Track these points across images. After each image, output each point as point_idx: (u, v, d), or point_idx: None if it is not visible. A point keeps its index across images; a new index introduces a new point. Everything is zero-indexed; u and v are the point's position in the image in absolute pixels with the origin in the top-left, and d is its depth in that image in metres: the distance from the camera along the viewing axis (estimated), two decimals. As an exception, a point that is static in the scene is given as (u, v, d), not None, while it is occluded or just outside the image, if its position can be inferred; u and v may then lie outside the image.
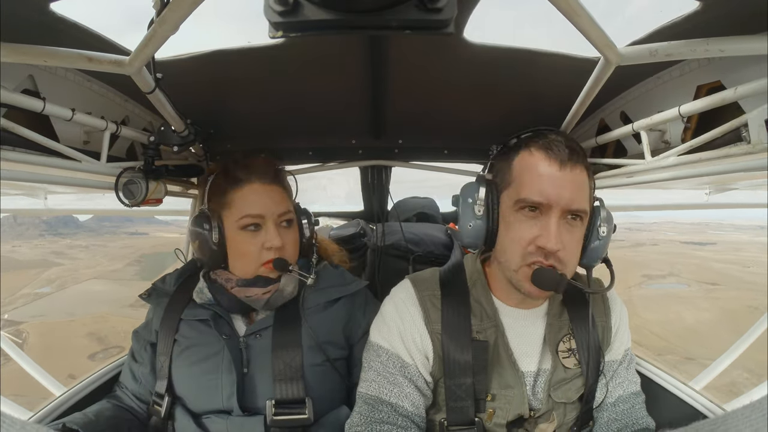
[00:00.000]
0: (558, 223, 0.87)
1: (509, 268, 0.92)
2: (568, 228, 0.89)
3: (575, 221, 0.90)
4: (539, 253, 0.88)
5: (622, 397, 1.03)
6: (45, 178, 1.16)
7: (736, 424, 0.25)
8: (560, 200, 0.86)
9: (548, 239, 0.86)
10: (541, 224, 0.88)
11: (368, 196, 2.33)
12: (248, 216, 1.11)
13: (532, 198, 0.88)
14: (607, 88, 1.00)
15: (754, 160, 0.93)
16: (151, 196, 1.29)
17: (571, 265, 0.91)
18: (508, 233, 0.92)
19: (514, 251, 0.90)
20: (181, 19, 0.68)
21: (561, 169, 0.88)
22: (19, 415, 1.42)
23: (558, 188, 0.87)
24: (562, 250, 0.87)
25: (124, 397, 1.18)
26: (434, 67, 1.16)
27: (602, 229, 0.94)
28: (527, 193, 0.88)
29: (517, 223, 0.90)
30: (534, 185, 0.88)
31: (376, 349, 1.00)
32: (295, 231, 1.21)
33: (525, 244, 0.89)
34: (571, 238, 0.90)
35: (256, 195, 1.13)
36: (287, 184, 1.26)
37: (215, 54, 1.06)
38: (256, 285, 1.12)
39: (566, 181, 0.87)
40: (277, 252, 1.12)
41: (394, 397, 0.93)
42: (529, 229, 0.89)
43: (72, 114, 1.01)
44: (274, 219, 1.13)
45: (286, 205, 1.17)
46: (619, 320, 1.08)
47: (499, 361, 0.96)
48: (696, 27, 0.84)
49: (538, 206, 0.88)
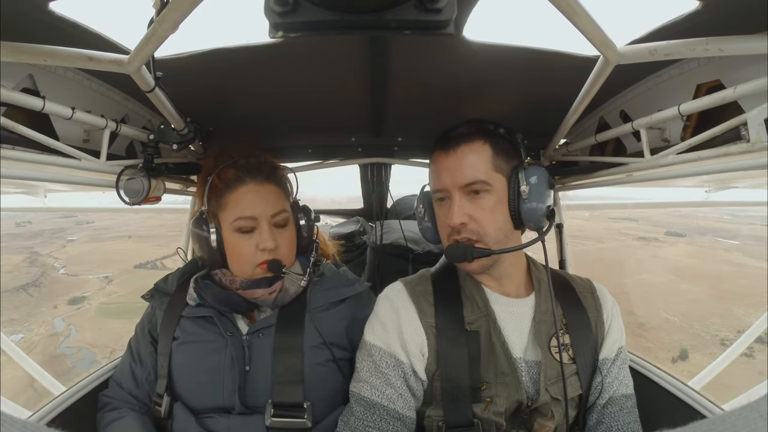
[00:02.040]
0: (460, 201, 0.98)
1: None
2: (473, 201, 0.98)
3: (479, 194, 0.98)
4: (453, 232, 0.99)
5: (612, 398, 1.02)
6: (45, 176, 1.16)
7: (734, 424, 0.25)
8: (454, 181, 0.98)
9: (451, 217, 0.98)
10: (449, 207, 1.00)
11: (368, 194, 2.33)
12: (241, 218, 1.11)
13: (436, 187, 1.03)
14: (607, 87, 0.99)
15: (753, 159, 0.93)
16: (151, 194, 1.29)
17: (488, 233, 0.98)
18: (438, 223, 1.07)
19: (443, 236, 1.04)
20: (181, 19, 0.68)
21: (447, 155, 1.00)
22: (19, 414, 1.42)
23: (448, 171, 0.99)
24: (470, 221, 0.97)
25: (122, 394, 1.17)
26: (434, 65, 1.15)
27: (523, 189, 0.97)
28: (434, 185, 1.04)
29: (438, 211, 1.06)
30: (435, 176, 1.03)
31: (369, 349, 1.00)
32: (292, 230, 1.21)
33: (445, 227, 1.02)
34: (477, 208, 0.98)
35: (249, 196, 1.13)
36: (284, 182, 1.26)
37: (215, 52, 1.05)
38: (260, 286, 1.12)
39: (454, 163, 0.98)
40: (271, 253, 1.12)
41: (386, 399, 0.94)
42: (444, 214, 1.02)
43: (72, 112, 1.01)
44: (268, 220, 1.13)
45: (280, 204, 1.17)
46: (611, 316, 1.08)
47: (492, 349, 0.97)
48: (696, 26, 0.84)
49: (442, 192, 1.01)
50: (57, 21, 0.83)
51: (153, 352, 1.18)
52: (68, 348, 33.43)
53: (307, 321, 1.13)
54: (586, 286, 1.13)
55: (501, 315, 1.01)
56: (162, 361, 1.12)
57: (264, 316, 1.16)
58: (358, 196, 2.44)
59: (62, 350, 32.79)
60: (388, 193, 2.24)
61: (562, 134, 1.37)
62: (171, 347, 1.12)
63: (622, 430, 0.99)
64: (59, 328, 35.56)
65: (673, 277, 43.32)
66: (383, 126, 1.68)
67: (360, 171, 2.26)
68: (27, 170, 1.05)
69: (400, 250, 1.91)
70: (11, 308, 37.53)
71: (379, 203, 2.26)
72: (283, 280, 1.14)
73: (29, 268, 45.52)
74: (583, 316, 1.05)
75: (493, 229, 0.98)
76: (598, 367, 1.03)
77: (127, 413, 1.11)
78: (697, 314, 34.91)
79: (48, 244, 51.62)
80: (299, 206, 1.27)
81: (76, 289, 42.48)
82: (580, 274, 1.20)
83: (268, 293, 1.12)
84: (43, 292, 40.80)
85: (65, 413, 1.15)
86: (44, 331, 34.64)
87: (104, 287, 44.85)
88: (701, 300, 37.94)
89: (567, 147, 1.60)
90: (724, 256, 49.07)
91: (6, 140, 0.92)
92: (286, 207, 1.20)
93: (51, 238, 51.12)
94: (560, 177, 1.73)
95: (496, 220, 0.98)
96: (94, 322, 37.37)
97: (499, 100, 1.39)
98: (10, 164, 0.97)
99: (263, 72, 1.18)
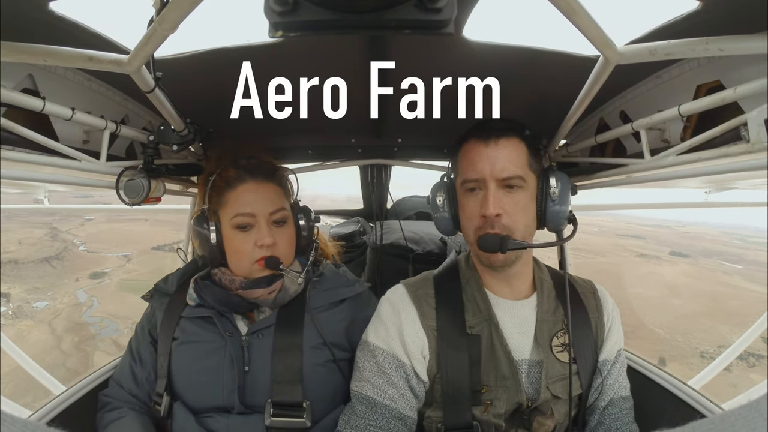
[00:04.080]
0: (495, 192, 0.96)
1: (470, 243, 1.02)
2: (508, 195, 0.98)
3: (513, 189, 0.98)
4: (486, 224, 0.97)
5: (612, 400, 1.03)
6: (45, 177, 1.16)
7: (733, 423, 0.25)
8: (493, 172, 0.96)
9: (486, 206, 0.95)
10: (482, 196, 0.98)
11: (368, 195, 2.33)
12: (240, 215, 1.13)
13: (470, 176, 0.99)
14: (607, 87, 0.99)
15: (753, 160, 0.93)
16: (151, 194, 1.29)
17: (518, 229, 0.97)
18: (463, 213, 1.03)
19: (469, 227, 1.01)
20: (181, 19, 0.68)
21: (487, 145, 0.98)
22: (20, 414, 1.42)
23: (488, 162, 0.97)
24: (504, 214, 0.96)
25: (122, 394, 1.17)
26: (434, 65, 1.15)
27: (553, 190, 0.99)
28: (467, 174, 1.00)
29: (466, 201, 1.02)
30: (469, 165, 1.00)
31: (372, 350, 1.01)
32: (290, 229, 1.21)
33: (474, 219, 0.99)
34: (512, 202, 0.97)
35: (249, 194, 1.15)
36: (285, 182, 1.27)
37: (215, 52, 1.05)
38: (259, 286, 1.13)
39: (494, 154, 0.97)
40: (269, 250, 1.13)
41: (388, 399, 0.94)
42: (474, 204, 0.99)
43: (72, 113, 1.01)
44: (266, 217, 1.14)
45: (279, 203, 1.18)
46: (612, 318, 1.09)
47: (494, 353, 0.98)
48: (696, 26, 0.84)
49: (476, 182, 0.99)
50: (57, 21, 0.83)
51: (153, 352, 1.18)
52: (91, 317, 35.07)
53: (307, 321, 1.13)
54: (588, 286, 1.14)
55: (504, 319, 1.02)
56: (162, 361, 1.13)
57: (263, 317, 1.16)
58: (358, 196, 2.44)
59: (85, 319, 34.46)
60: (388, 194, 2.24)
61: (562, 135, 1.37)
62: (171, 347, 1.13)
63: (621, 430, 1.00)
64: (82, 299, 37.24)
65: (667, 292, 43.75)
66: (383, 127, 1.68)
67: (360, 172, 2.25)
68: (27, 171, 1.05)
69: (400, 250, 1.91)
70: (35, 278, 38.99)
71: (379, 204, 2.26)
72: (282, 280, 1.15)
73: (51, 242, 47.11)
74: (584, 316, 1.05)
75: (523, 225, 0.98)
76: (598, 367, 1.03)
77: (127, 413, 1.11)
78: (682, 328, 35.73)
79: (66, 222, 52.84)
80: (299, 206, 1.28)
81: (96, 265, 43.83)
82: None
83: (268, 293, 1.13)
84: (65, 266, 42.41)
85: (65, 413, 1.15)
86: (68, 301, 36.38)
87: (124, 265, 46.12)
88: (689, 315, 38.62)
89: (567, 148, 1.60)
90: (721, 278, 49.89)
91: (6, 141, 0.92)
92: (286, 206, 1.21)
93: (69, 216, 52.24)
94: None
95: (526, 217, 0.99)
96: (116, 295, 38.59)
97: (499, 100, 1.39)
98: (10, 165, 0.97)
99: (263, 72, 1.18)
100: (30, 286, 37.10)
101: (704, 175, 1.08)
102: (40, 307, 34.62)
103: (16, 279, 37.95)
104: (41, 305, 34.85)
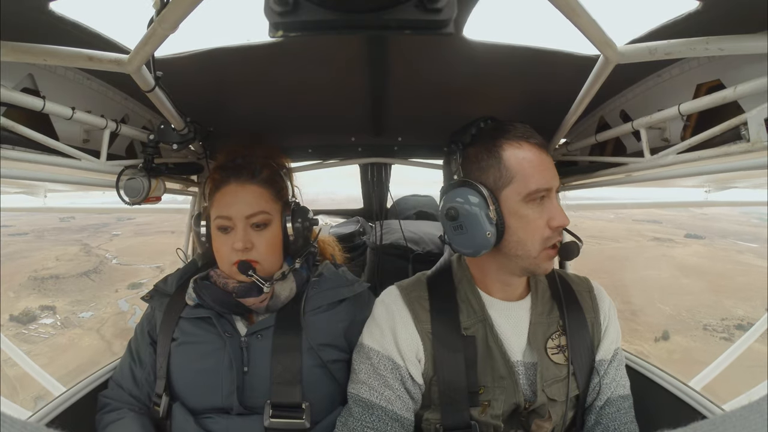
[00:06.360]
0: (558, 202, 0.96)
1: (529, 256, 0.95)
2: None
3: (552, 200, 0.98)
4: (555, 233, 0.94)
5: (609, 399, 1.02)
6: (45, 176, 1.16)
7: (734, 424, 0.25)
8: (554, 181, 0.95)
9: (562, 218, 0.93)
10: (547, 207, 0.94)
11: (368, 194, 2.33)
12: (219, 217, 1.13)
13: (542, 186, 0.93)
14: (607, 87, 0.99)
15: (753, 159, 0.93)
16: (151, 194, 1.29)
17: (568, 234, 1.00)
18: (524, 226, 0.94)
19: (534, 240, 0.94)
20: (181, 18, 0.68)
21: (540, 153, 0.96)
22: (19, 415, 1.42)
23: (548, 171, 0.95)
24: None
25: (122, 395, 1.17)
26: (434, 65, 1.15)
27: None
28: (537, 184, 0.92)
29: (532, 213, 0.93)
30: (537, 175, 0.93)
31: (367, 352, 1.01)
32: (272, 232, 1.16)
33: (543, 230, 0.93)
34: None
35: (228, 197, 1.14)
36: (273, 183, 1.21)
37: (215, 52, 1.05)
38: (250, 295, 1.12)
39: (548, 163, 0.96)
40: (243, 254, 1.11)
41: (384, 400, 0.94)
42: (541, 215, 0.94)
43: (72, 112, 1.01)
44: (243, 220, 1.12)
45: (259, 205, 1.14)
46: (608, 317, 1.08)
47: (490, 354, 0.98)
48: (696, 26, 0.84)
49: (544, 192, 0.94)
50: (57, 21, 0.82)
51: (152, 353, 1.18)
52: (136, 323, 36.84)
53: (306, 322, 1.13)
54: (584, 285, 1.13)
55: (498, 320, 1.01)
56: (161, 361, 1.12)
57: (262, 318, 1.16)
58: (358, 196, 2.44)
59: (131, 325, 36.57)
60: (388, 193, 2.24)
61: (562, 134, 1.37)
62: (170, 348, 1.12)
63: (620, 430, 0.99)
64: (124, 308, 38.47)
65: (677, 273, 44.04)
66: (383, 126, 1.68)
67: (360, 171, 2.25)
68: (27, 170, 1.05)
69: (400, 250, 1.90)
70: (77, 291, 40.26)
71: (379, 203, 2.26)
72: (273, 286, 1.14)
73: (87, 257, 48.29)
74: (580, 316, 1.05)
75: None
76: (594, 368, 1.03)
77: (126, 414, 1.10)
78: (688, 304, 36.35)
79: (95, 238, 53.82)
80: (290, 207, 1.23)
81: (133, 276, 44.97)
82: (592, 271, 1.21)
83: (259, 301, 1.12)
84: (103, 279, 43.55)
85: (65, 413, 1.15)
86: (111, 310, 37.67)
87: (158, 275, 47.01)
88: (696, 293, 39.22)
89: (567, 147, 1.60)
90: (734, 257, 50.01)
91: (6, 140, 0.92)
92: (267, 208, 1.16)
93: (96, 233, 53.30)
94: (560, 177, 1.73)
95: None
96: (154, 304, 41.24)
97: (499, 100, 1.39)
98: (10, 164, 0.97)
99: (263, 72, 1.18)
100: (73, 299, 38.45)
101: (704, 174, 1.08)
102: (86, 317, 36.01)
103: (58, 293, 39.39)
104: (87, 315, 36.29)
